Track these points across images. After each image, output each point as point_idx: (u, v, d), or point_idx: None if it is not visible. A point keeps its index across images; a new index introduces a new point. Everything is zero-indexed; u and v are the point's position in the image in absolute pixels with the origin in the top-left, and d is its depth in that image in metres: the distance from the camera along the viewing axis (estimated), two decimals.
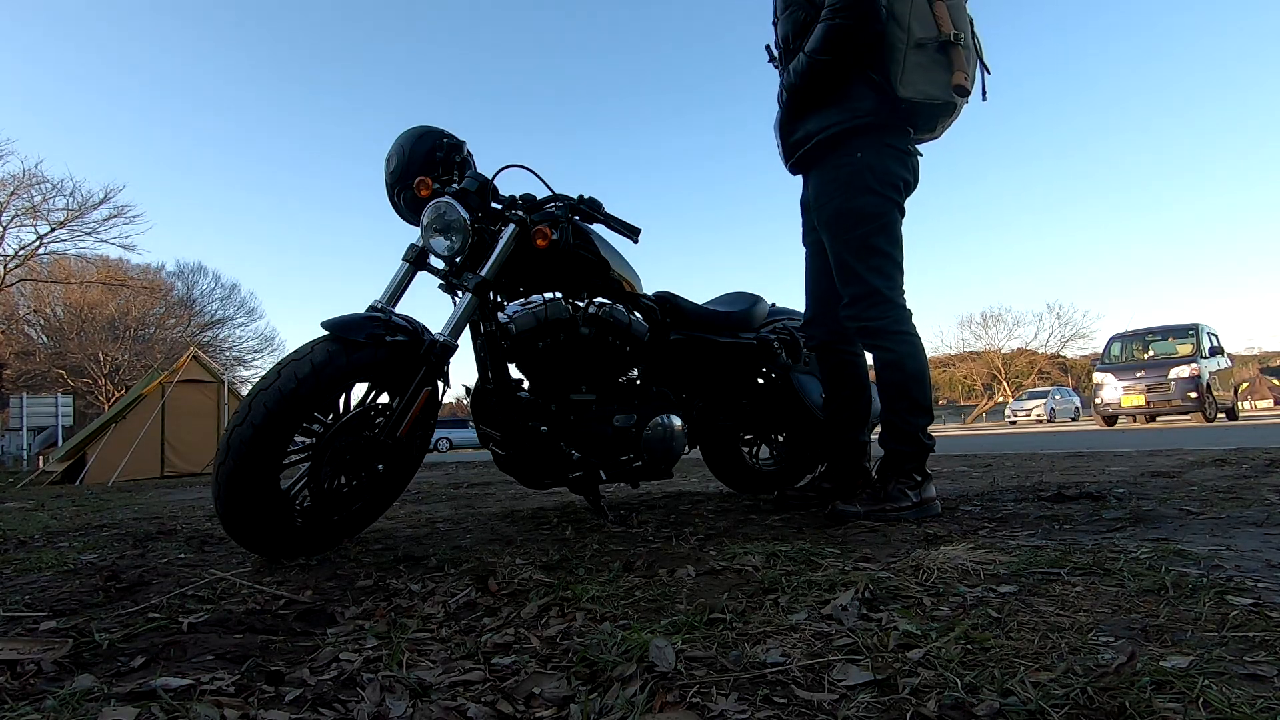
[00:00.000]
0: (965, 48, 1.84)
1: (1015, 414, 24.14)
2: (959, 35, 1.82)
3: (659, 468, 2.19)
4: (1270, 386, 40.42)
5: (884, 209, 1.91)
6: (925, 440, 1.92)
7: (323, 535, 1.64)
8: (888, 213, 1.92)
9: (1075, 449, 5.10)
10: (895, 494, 1.86)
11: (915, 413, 1.91)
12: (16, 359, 23.83)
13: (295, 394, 1.47)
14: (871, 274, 1.91)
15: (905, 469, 1.89)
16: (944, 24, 1.82)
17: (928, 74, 1.82)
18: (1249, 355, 51.92)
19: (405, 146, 1.97)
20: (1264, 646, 0.81)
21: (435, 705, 0.76)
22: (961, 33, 1.83)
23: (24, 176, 18.28)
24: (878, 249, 1.91)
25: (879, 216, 1.91)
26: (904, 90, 1.82)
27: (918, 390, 1.91)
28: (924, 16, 1.82)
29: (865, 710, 0.71)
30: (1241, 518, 1.68)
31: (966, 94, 1.86)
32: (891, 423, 1.94)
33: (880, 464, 1.97)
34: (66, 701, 0.78)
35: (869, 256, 1.91)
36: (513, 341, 1.98)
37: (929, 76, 1.82)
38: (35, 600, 1.30)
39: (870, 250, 1.91)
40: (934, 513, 1.89)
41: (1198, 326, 12.32)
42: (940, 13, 1.84)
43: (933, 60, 1.82)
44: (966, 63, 1.84)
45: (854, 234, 1.92)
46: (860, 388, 2.18)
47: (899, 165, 1.93)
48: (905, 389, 1.90)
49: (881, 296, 1.90)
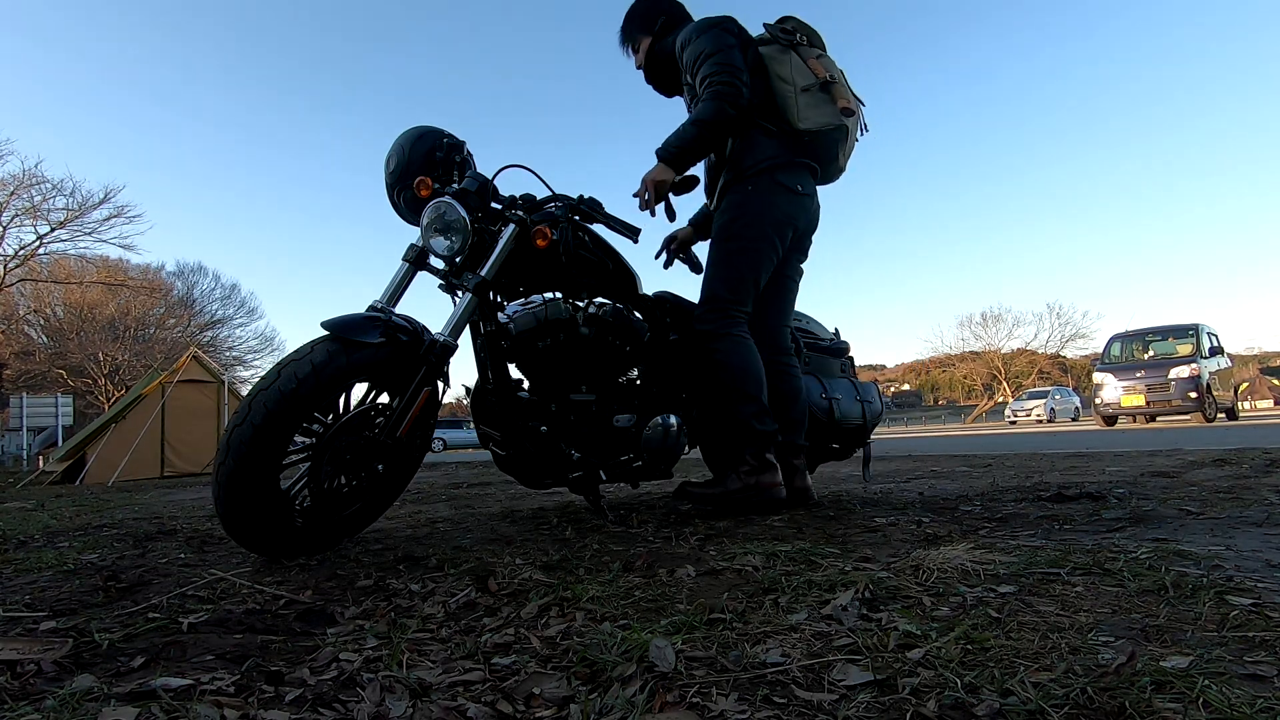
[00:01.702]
0: (841, 84, 2.17)
1: (1015, 414, 24.14)
2: (834, 76, 2.15)
3: (659, 468, 2.19)
4: (1270, 386, 40.41)
5: (756, 238, 2.14)
6: (758, 426, 2.05)
7: (323, 535, 1.64)
8: (758, 241, 2.14)
9: (1075, 449, 5.10)
10: (729, 479, 2.04)
11: (744, 402, 2.07)
12: (16, 359, 23.82)
13: (295, 394, 1.47)
14: (719, 283, 2.14)
15: (741, 455, 2.06)
16: (819, 72, 2.14)
17: (818, 109, 2.13)
18: (1249, 355, 51.94)
19: (405, 146, 1.97)
20: (1264, 646, 0.81)
21: (435, 705, 0.76)
22: (835, 75, 2.16)
23: (24, 176, 18.30)
24: (736, 267, 2.14)
25: (751, 241, 2.14)
26: (803, 124, 2.13)
27: (744, 382, 2.07)
28: (802, 70, 2.15)
29: (865, 710, 0.71)
30: (1241, 518, 1.68)
31: (852, 114, 2.17)
32: (726, 415, 2.10)
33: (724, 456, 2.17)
34: (66, 701, 0.78)
35: (725, 269, 2.15)
36: (513, 341, 1.98)
37: (820, 110, 2.13)
38: (35, 600, 1.30)
39: (730, 265, 2.14)
40: (776, 497, 2.04)
41: (1198, 326, 12.31)
42: (814, 65, 2.16)
43: (819, 98, 2.14)
44: (847, 96, 2.16)
45: (723, 248, 2.17)
46: (792, 395, 2.27)
47: (786, 202, 2.17)
48: (733, 384, 2.07)
49: (719, 302, 2.12)
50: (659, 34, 2.36)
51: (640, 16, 2.40)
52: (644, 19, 2.39)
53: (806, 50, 2.22)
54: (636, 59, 2.42)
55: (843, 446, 2.63)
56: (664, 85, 2.45)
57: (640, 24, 2.40)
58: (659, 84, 2.45)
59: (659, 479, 2.30)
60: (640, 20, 2.40)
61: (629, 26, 2.42)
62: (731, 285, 2.12)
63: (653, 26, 2.37)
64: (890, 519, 1.90)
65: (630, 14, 2.42)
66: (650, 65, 2.40)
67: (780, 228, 2.17)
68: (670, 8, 2.39)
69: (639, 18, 2.40)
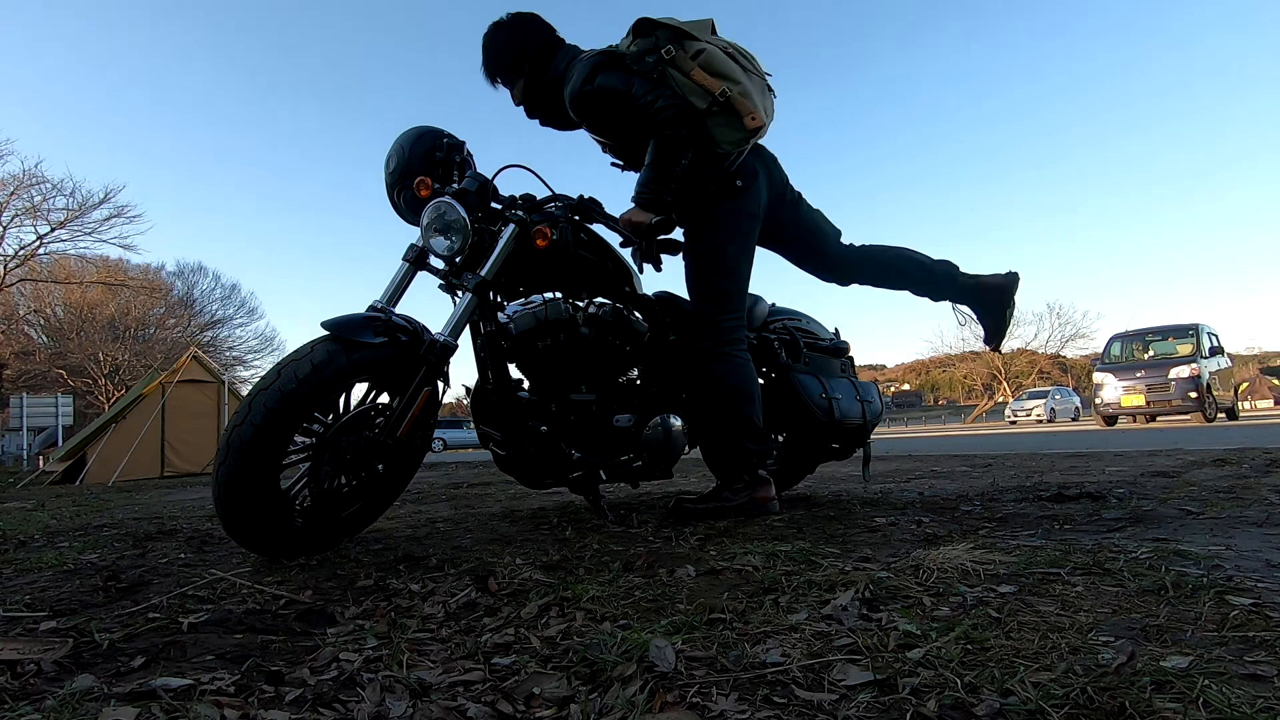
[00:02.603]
0: (742, 93, 2.00)
1: (1015, 414, 24.14)
2: (726, 88, 1.98)
3: (659, 468, 2.19)
4: (1270, 386, 40.41)
5: (723, 244, 2.13)
6: (751, 446, 2.09)
7: (323, 535, 1.64)
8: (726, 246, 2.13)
9: (1075, 449, 5.10)
10: (726, 495, 2.07)
11: (737, 423, 2.09)
12: (16, 359, 23.81)
13: (295, 394, 1.47)
14: (704, 301, 2.14)
15: (735, 472, 2.09)
16: (711, 86, 1.99)
17: (726, 129, 2.01)
18: (1249, 355, 51.97)
19: (405, 146, 1.97)
20: (1264, 646, 0.81)
21: (435, 705, 0.76)
22: (727, 83, 1.99)
23: (24, 176, 18.27)
24: (714, 283, 2.14)
25: (719, 250, 2.14)
26: (722, 148, 2.04)
27: (739, 403, 2.09)
28: (695, 91, 1.99)
29: (865, 710, 0.71)
30: (1241, 518, 1.68)
31: (762, 126, 2.03)
32: (721, 433, 2.13)
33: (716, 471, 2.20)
34: (66, 701, 0.78)
35: (706, 287, 2.14)
36: (513, 341, 1.98)
37: (729, 129, 2.01)
38: (35, 600, 1.30)
39: (708, 284, 2.14)
40: (771, 511, 2.07)
41: (1198, 326, 12.31)
42: (701, 79, 1.99)
43: (725, 120, 2.01)
44: (750, 101, 2.00)
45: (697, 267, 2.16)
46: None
47: (738, 204, 2.13)
48: (728, 404, 2.10)
49: (709, 319, 2.13)
50: (531, 74, 2.12)
51: (502, 63, 2.13)
52: (514, 57, 2.11)
53: (682, 59, 2.00)
54: (514, 96, 2.18)
55: (843, 446, 2.63)
56: (547, 120, 2.22)
57: (511, 63, 2.12)
58: (543, 119, 2.22)
59: (659, 479, 2.30)
60: (510, 57, 2.12)
61: (496, 67, 2.15)
62: (715, 300, 2.12)
63: (522, 69, 2.12)
64: (890, 519, 1.90)
65: (494, 50, 2.13)
66: (532, 105, 2.17)
67: (743, 226, 2.15)
68: (534, 39, 2.11)
69: (502, 65, 2.14)
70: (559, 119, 2.21)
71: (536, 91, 2.13)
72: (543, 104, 2.16)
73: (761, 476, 2.10)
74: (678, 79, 1.99)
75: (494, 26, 2.12)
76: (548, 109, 2.18)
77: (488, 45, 2.13)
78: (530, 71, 2.11)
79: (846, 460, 2.86)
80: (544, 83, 2.11)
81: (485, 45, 2.14)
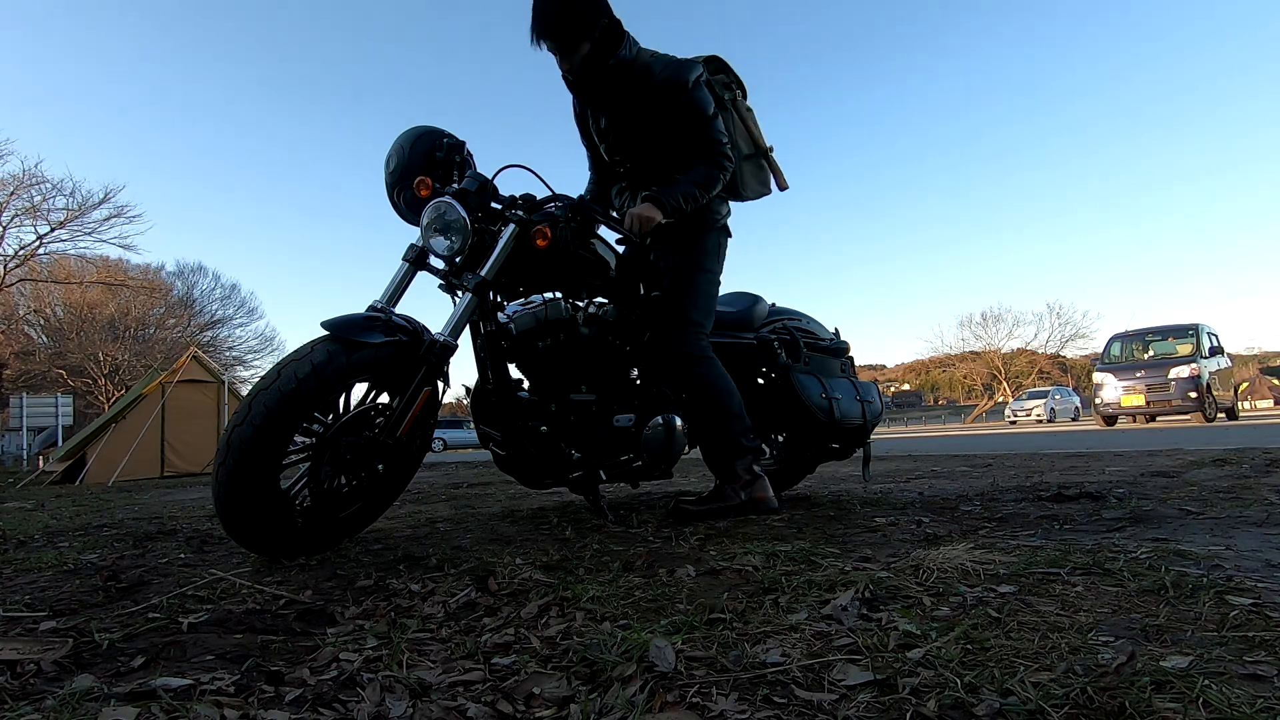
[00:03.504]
0: (776, 160, 2.34)
1: (1015, 414, 24.13)
2: (771, 147, 2.32)
3: (659, 468, 2.19)
4: (1270, 386, 40.44)
5: (717, 271, 2.28)
6: (746, 443, 2.12)
7: (323, 535, 1.64)
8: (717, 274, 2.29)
9: (1075, 449, 5.10)
10: (728, 494, 2.08)
11: (731, 420, 2.12)
12: (16, 359, 23.80)
13: (295, 394, 1.47)
14: (694, 310, 2.21)
15: (733, 470, 2.11)
16: (759, 139, 2.33)
17: (758, 177, 2.33)
18: (1249, 355, 51.98)
19: (405, 146, 1.97)
20: (1264, 646, 0.81)
21: (435, 705, 0.76)
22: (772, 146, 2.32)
23: (24, 176, 18.23)
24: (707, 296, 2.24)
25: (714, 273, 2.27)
26: (746, 195, 2.32)
27: (729, 401, 2.14)
28: (744, 135, 2.29)
29: (865, 710, 0.71)
30: (1241, 518, 1.68)
31: (786, 188, 2.40)
32: (715, 431, 2.14)
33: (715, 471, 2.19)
34: (66, 701, 0.78)
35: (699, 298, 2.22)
36: (513, 341, 1.98)
37: (759, 179, 2.34)
38: (35, 600, 1.30)
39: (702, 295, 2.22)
40: (770, 508, 2.09)
41: (1198, 326, 12.30)
42: (752, 128, 2.31)
43: (759, 166, 2.34)
44: (780, 170, 2.37)
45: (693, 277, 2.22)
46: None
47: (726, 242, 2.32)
48: (721, 402, 2.14)
49: (696, 326, 2.20)
50: (599, 41, 1.96)
51: (579, 14, 1.93)
52: (585, 16, 1.93)
53: (743, 105, 2.29)
54: (565, 63, 2.00)
55: (843, 446, 2.63)
56: (593, 99, 2.13)
57: (581, 23, 1.93)
58: (589, 97, 2.13)
59: (659, 479, 2.30)
60: (581, 16, 1.93)
61: (563, 22, 1.93)
62: (703, 312, 2.21)
63: (593, 30, 1.94)
64: (890, 519, 1.90)
65: (556, 12, 1.93)
66: (586, 75, 2.02)
67: (722, 260, 2.34)
68: (609, 11, 1.99)
69: (576, 15, 1.93)
70: (604, 98, 2.11)
71: (598, 63, 1.99)
72: (598, 79, 2.03)
73: (758, 473, 2.12)
74: (736, 124, 2.25)
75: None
76: (601, 85, 2.05)
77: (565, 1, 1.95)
78: (599, 40, 1.96)
79: (846, 460, 2.86)
80: (607, 60, 1.99)
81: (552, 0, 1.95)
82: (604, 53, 1.98)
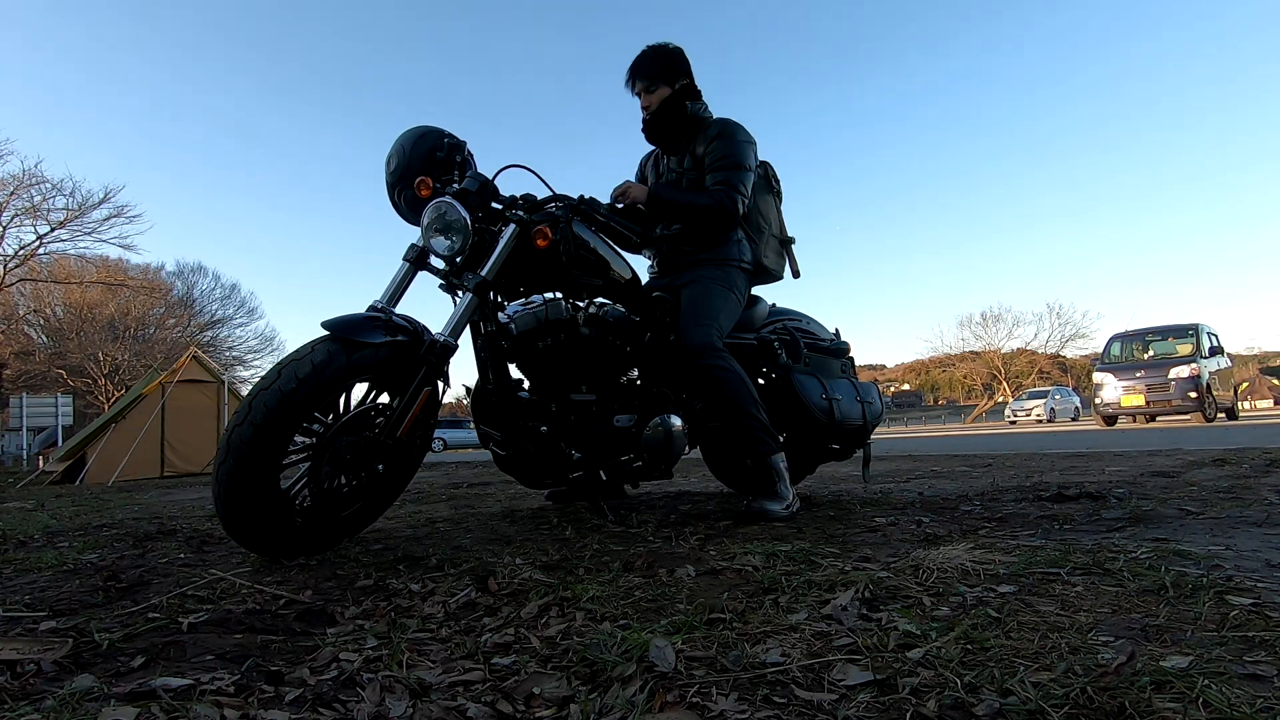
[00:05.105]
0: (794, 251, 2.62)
1: (1015, 414, 24.11)
2: (794, 239, 2.62)
3: (659, 468, 2.19)
4: (1270, 386, 40.45)
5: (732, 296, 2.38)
6: (771, 441, 2.20)
7: (323, 535, 1.64)
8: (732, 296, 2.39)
9: (1075, 449, 5.10)
10: (780, 490, 2.12)
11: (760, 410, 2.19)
12: (16, 359, 23.79)
13: (295, 394, 1.47)
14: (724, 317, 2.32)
15: (769, 465, 2.16)
16: (784, 229, 2.61)
17: (774, 257, 2.56)
18: (1249, 355, 52.00)
19: (406, 146, 1.97)
20: (1264, 646, 0.81)
21: (435, 705, 0.76)
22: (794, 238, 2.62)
23: (24, 176, 18.19)
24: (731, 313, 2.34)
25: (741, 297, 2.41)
26: (765, 261, 2.51)
27: (755, 395, 2.20)
28: (775, 219, 2.58)
29: (865, 710, 0.71)
30: (1241, 518, 1.68)
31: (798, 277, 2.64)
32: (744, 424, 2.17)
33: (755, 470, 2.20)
34: (66, 701, 0.78)
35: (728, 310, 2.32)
36: (513, 341, 1.98)
37: (775, 260, 2.57)
38: (35, 600, 1.30)
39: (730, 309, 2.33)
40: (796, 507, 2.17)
41: (1198, 326, 12.29)
42: (781, 217, 2.61)
43: (779, 250, 2.59)
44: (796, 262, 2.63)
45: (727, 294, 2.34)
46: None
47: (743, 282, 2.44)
48: (749, 395, 2.20)
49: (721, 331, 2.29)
50: (678, 93, 2.33)
51: (667, 63, 2.34)
52: (670, 69, 2.34)
53: (774, 183, 2.61)
54: (647, 101, 2.35)
55: (843, 447, 2.63)
56: (661, 139, 2.41)
57: (666, 71, 2.33)
58: (658, 137, 2.41)
59: (659, 479, 2.30)
60: (667, 67, 2.33)
61: (653, 67, 2.33)
62: (727, 324, 2.31)
63: (675, 81, 2.33)
64: (890, 519, 1.91)
65: (657, 55, 2.34)
66: (661, 116, 2.36)
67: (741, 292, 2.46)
68: (690, 75, 2.37)
69: (665, 64, 2.34)
70: (666, 141, 2.41)
71: (674, 112, 2.34)
72: (669, 124, 2.36)
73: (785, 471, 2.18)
74: (773, 208, 2.55)
75: (673, 46, 2.37)
76: (669, 130, 2.37)
77: (659, 52, 2.35)
78: (679, 90, 2.34)
79: (846, 460, 2.86)
80: (683, 110, 2.34)
81: (655, 50, 2.35)
82: (679, 101, 2.33)
